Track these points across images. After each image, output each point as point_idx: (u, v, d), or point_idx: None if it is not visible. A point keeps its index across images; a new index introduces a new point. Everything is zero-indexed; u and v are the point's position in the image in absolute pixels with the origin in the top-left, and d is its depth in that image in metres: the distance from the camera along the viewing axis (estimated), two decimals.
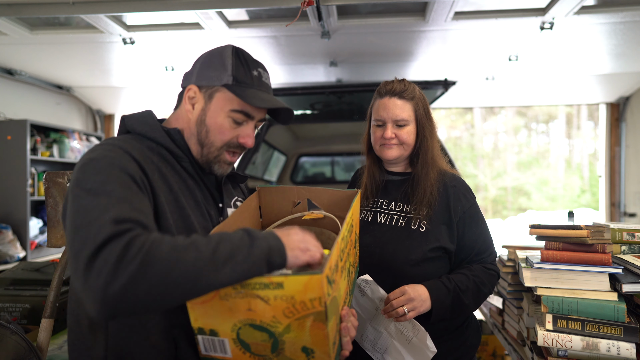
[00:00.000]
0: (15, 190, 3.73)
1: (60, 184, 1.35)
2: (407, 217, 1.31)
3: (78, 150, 4.38)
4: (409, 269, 1.25)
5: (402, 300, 1.15)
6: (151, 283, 0.67)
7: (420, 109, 1.32)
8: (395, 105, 1.30)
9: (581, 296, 1.23)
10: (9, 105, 3.89)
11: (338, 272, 0.87)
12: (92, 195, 0.75)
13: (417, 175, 1.33)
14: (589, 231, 1.26)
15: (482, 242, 1.33)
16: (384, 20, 2.68)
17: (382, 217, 1.34)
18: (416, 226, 1.28)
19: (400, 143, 1.31)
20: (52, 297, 1.28)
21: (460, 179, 1.37)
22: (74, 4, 2.32)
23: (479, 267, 1.30)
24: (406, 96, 1.30)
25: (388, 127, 1.30)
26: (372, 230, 1.34)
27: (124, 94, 4.57)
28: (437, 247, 1.27)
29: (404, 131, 1.30)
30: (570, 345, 1.20)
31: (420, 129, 1.32)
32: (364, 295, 1.23)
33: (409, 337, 1.18)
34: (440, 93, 3.41)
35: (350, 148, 4.87)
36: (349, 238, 1.00)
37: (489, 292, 1.30)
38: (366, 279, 1.22)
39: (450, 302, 1.21)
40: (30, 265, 1.83)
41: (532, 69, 3.80)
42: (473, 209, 1.32)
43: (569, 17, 2.56)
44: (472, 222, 1.31)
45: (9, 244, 3.53)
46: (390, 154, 1.32)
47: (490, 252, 1.35)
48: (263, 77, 1.02)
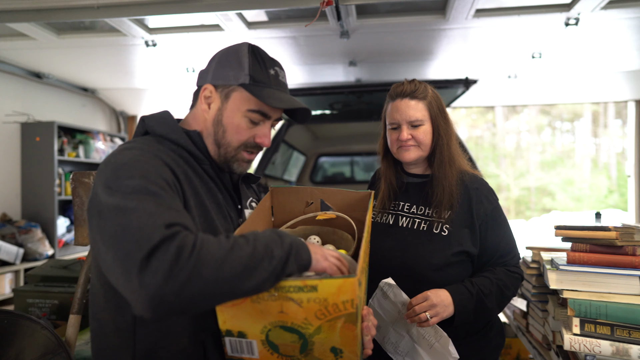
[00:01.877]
0: (43, 190, 3.85)
1: (86, 184, 1.39)
2: (428, 220, 1.29)
3: (102, 150, 4.50)
4: (431, 274, 1.24)
5: (424, 306, 1.15)
6: (205, 282, 0.69)
7: (434, 108, 1.30)
8: (408, 106, 1.28)
9: (610, 300, 1.19)
10: (37, 107, 4.02)
11: (364, 274, 0.88)
12: (135, 199, 0.75)
13: (435, 176, 1.31)
14: (618, 233, 1.22)
15: (505, 245, 1.30)
16: (403, 19, 2.66)
17: (403, 221, 1.33)
18: (438, 230, 1.27)
19: (417, 144, 1.29)
20: (80, 294, 1.32)
21: (482, 180, 1.35)
22: (98, 8, 2.38)
23: (502, 270, 1.28)
24: (418, 96, 1.29)
25: (403, 129, 1.28)
26: (393, 234, 1.32)
27: (147, 95, 4.66)
28: (460, 252, 1.25)
29: (420, 131, 1.28)
30: (599, 350, 1.16)
31: (436, 127, 1.30)
32: (386, 299, 1.22)
33: (431, 342, 1.18)
34: (461, 92, 3.37)
35: (369, 148, 4.84)
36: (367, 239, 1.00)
37: (513, 295, 1.28)
38: (389, 282, 1.21)
39: (474, 306, 1.19)
40: (58, 263, 1.88)
41: (556, 66, 3.71)
42: (495, 212, 1.30)
43: (596, 13, 2.49)
44: (494, 224, 1.29)
45: (38, 242, 3.64)
46: (408, 156, 1.30)
47: (514, 255, 1.33)
48: (279, 75, 1.01)
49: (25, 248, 3.55)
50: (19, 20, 2.51)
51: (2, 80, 3.68)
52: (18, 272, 3.50)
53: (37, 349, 1.14)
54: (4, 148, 3.73)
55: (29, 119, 3.85)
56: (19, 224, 3.63)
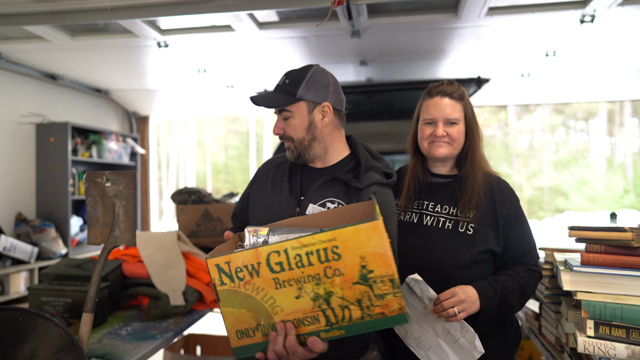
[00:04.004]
0: (57, 190, 3.91)
1: (99, 184, 1.41)
2: (454, 219, 1.33)
3: (115, 151, 4.55)
4: (457, 272, 1.28)
5: (452, 302, 1.18)
6: None
7: (469, 110, 1.37)
8: (447, 104, 1.35)
9: (625, 302, 1.17)
10: (51, 108, 4.09)
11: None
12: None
13: (465, 176, 1.35)
14: (634, 234, 1.20)
15: (526, 244, 1.35)
16: (414, 18, 2.64)
17: (428, 219, 1.36)
18: (464, 229, 1.31)
19: (450, 142, 1.34)
20: (92, 293, 1.33)
21: (505, 182, 1.40)
22: (112, 10, 2.41)
23: (524, 268, 1.33)
24: (457, 97, 1.35)
25: (439, 125, 1.34)
26: (418, 232, 1.35)
27: (159, 96, 4.71)
28: (485, 250, 1.30)
29: (455, 129, 1.34)
30: (613, 353, 1.14)
31: (470, 129, 1.36)
32: (412, 294, 1.24)
33: (456, 337, 1.20)
34: (473, 91, 3.34)
35: (381, 147, 4.80)
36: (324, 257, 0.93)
37: (532, 293, 1.33)
38: (416, 278, 1.23)
39: (498, 302, 1.23)
40: (71, 262, 1.91)
41: (570, 64, 3.65)
42: (517, 212, 1.35)
43: (612, 9, 2.44)
44: (516, 225, 1.34)
45: (52, 241, 3.70)
46: (440, 152, 1.35)
47: (534, 254, 1.38)
48: (279, 81, 1.31)
49: (40, 247, 3.61)
50: (34, 23, 2.55)
51: (18, 82, 3.75)
52: (32, 270, 3.56)
53: (51, 347, 1.16)
54: (19, 148, 3.80)
55: (43, 120, 3.92)
56: (34, 223, 3.70)
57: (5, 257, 3.38)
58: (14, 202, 3.75)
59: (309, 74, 1.27)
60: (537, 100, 5.46)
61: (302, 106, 1.27)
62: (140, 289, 1.91)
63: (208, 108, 5.27)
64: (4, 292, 3.41)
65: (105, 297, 1.75)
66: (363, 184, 1.25)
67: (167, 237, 2.15)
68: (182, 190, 2.79)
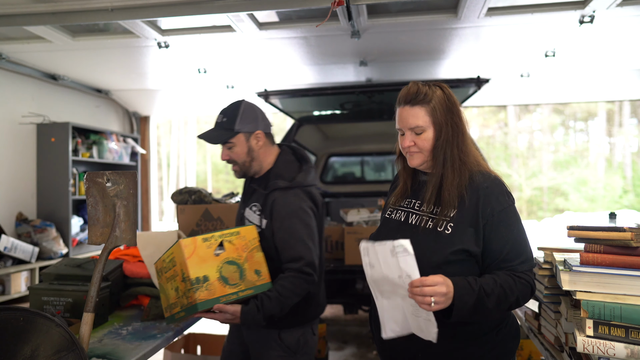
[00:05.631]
0: (58, 190, 3.91)
1: (99, 184, 1.41)
2: (435, 218, 1.30)
3: (115, 151, 4.55)
4: (430, 271, 1.19)
5: (434, 291, 1.11)
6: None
7: (437, 112, 1.28)
8: (409, 113, 1.29)
9: (624, 301, 1.18)
10: (52, 109, 4.09)
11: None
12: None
13: (443, 174, 1.30)
14: (633, 233, 1.20)
15: (511, 248, 1.25)
16: (414, 18, 2.65)
17: (413, 218, 1.35)
18: (442, 228, 1.27)
19: (419, 150, 1.31)
20: (93, 292, 1.34)
21: (497, 181, 1.32)
22: (112, 11, 2.41)
23: (508, 274, 1.24)
24: (420, 101, 1.28)
25: (407, 136, 1.31)
26: (402, 231, 1.34)
27: (159, 96, 4.71)
28: (460, 250, 1.23)
29: (421, 138, 1.30)
30: (613, 353, 1.14)
31: (439, 132, 1.29)
32: (393, 257, 1.16)
33: (418, 313, 1.17)
34: (473, 91, 3.34)
35: (380, 148, 4.83)
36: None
37: (517, 301, 1.23)
38: (407, 247, 1.14)
39: (474, 302, 1.16)
40: (72, 262, 1.91)
41: (570, 65, 3.65)
42: (504, 213, 1.27)
43: (611, 10, 2.45)
44: (501, 226, 1.25)
45: (53, 241, 3.71)
46: (413, 162, 1.34)
47: (523, 261, 1.27)
48: (217, 119, 1.72)
49: (40, 247, 3.62)
50: (35, 23, 2.56)
51: (19, 82, 3.76)
52: (33, 270, 3.57)
53: (51, 346, 1.17)
54: (20, 149, 3.81)
55: (44, 120, 3.92)
56: (35, 223, 3.70)
57: (6, 257, 3.38)
58: (15, 202, 3.76)
59: (241, 111, 1.66)
60: (537, 101, 5.47)
61: (241, 137, 1.68)
62: (141, 288, 1.92)
63: (208, 108, 5.27)
64: (5, 292, 3.42)
65: (106, 296, 1.75)
66: (267, 190, 1.68)
67: (168, 237, 2.15)
68: (182, 190, 2.80)
